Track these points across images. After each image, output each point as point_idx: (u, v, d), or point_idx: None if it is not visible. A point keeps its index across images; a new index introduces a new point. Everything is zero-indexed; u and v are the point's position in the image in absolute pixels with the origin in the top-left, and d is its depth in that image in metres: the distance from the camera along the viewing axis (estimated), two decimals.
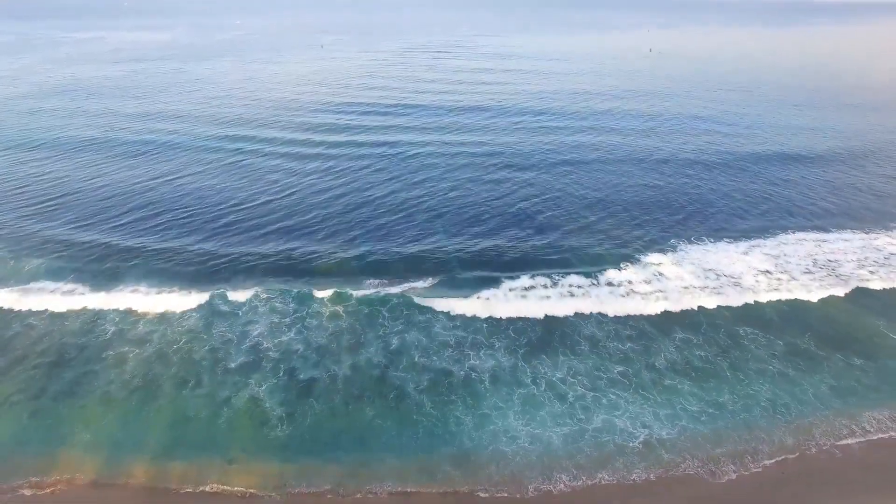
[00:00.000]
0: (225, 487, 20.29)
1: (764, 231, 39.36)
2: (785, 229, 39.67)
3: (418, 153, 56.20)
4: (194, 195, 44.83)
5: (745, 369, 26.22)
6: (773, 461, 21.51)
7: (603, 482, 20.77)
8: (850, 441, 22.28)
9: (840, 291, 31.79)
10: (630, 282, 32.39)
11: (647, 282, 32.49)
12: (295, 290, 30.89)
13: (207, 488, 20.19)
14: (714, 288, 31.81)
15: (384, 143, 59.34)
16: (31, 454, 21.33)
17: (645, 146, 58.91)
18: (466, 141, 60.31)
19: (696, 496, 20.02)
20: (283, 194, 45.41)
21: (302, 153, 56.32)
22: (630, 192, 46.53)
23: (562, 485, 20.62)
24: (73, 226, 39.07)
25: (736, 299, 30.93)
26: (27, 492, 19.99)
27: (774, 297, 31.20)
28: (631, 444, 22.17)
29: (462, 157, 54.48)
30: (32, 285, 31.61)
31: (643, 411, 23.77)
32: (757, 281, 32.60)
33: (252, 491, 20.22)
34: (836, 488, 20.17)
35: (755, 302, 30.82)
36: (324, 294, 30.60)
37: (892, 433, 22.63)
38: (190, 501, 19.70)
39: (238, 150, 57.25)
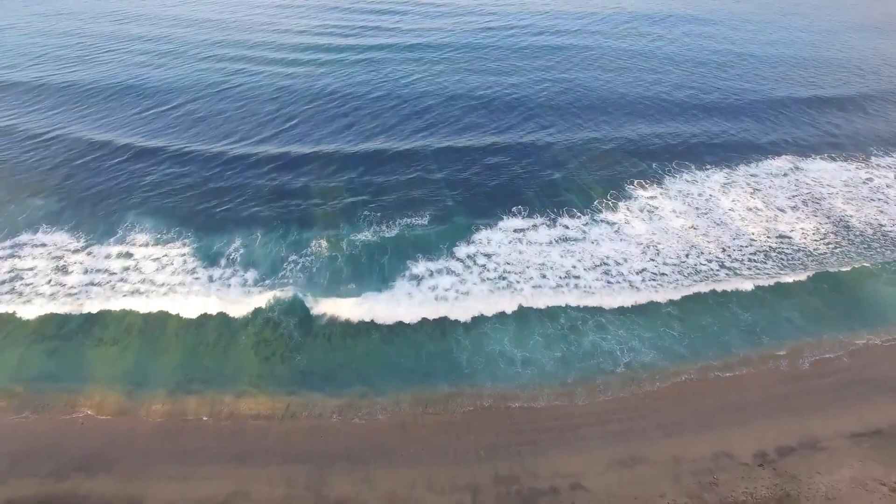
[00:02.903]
0: (238, 411, 22.24)
1: (749, 159, 39.53)
2: (767, 156, 39.99)
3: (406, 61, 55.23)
4: (185, 125, 43.68)
5: (726, 294, 27.75)
6: (737, 382, 23.51)
7: (582, 403, 22.75)
8: (811, 365, 24.19)
9: (824, 227, 32.52)
10: (626, 222, 32.67)
11: (641, 220, 32.88)
12: (293, 230, 31.58)
13: (220, 416, 22.11)
14: (704, 228, 32.26)
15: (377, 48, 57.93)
16: (57, 389, 23.05)
17: (637, 60, 57.15)
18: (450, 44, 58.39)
19: (674, 419, 21.95)
20: (277, 118, 44.77)
21: (295, 61, 55.17)
22: (620, 113, 45.99)
23: (543, 402, 22.65)
24: (63, 168, 38.24)
25: (724, 235, 31.71)
26: (59, 422, 21.81)
27: (761, 234, 31.90)
28: (616, 369, 24.02)
29: (447, 71, 53.04)
30: (25, 237, 31.22)
31: (629, 335, 25.52)
32: (744, 217, 33.19)
33: (264, 412, 22.18)
34: (797, 411, 22.20)
35: (741, 236, 31.63)
36: (321, 233, 31.30)
37: (845, 358, 24.55)
38: (208, 428, 21.61)
39: (226, 59, 55.63)
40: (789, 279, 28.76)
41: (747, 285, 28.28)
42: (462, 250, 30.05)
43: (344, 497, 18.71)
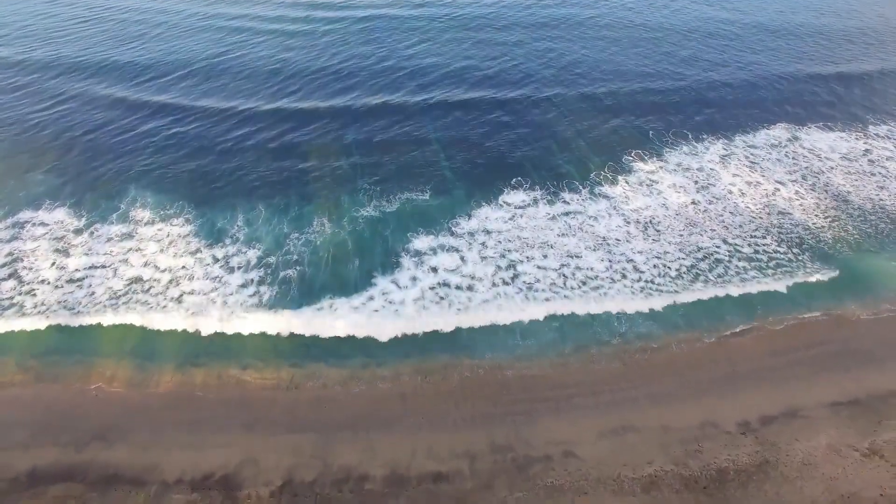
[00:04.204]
0: (245, 383, 23.15)
1: (747, 129, 39.50)
2: (765, 125, 39.94)
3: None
4: (184, 93, 43.38)
5: (725, 269, 28.21)
6: (727, 353, 24.34)
7: (577, 373, 23.59)
8: (799, 337, 24.96)
9: (824, 202, 32.69)
10: (626, 198, 32.69)
11: (641, 194, 32.98)
12: (293, 207, 31.65)
13: (228, 388, 23.02)
14: (704, 204, 32.36)
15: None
16: (69, 363, 23.92)
17: (641, 26, 56.19)
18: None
19: (664, 389, 22.83)
20: (278, 87, 44.33)
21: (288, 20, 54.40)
22: (619, 81, 45.57)
23: (539, 372, 23.53)
24: (63, 140, 37.98)
25: (724, 211, 31.88)
26: (73, 394, 22.77)
27: (760, 210, 32.04)
28: (611, 340, 24.84)
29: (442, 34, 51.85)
30: (26, 214, 31.16)
31: (625, 304, 26.24)
32: (743, 192, 33.31)
33: (269, 384, 23.08)
34: (782, 382, 23.10)
35: (741, 213, 31.82)
36: (321, 210, 31.44)
37: (832, 330, 25.32)
38: (216, 400, 22.54)
39: (223, 19, 54.84)
40: (786, 254, 29.13)
41: (745, 263, 28.55)
42: (463, 227, 30.19)
43: (348, 464, 19.78)
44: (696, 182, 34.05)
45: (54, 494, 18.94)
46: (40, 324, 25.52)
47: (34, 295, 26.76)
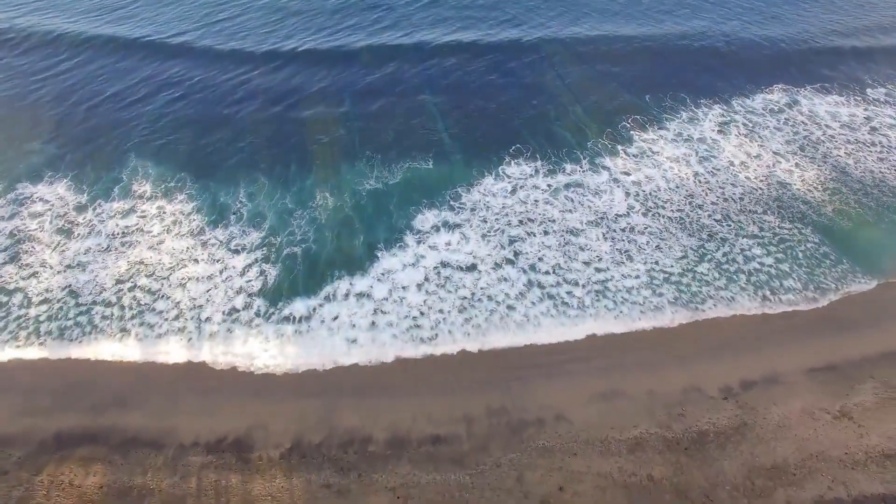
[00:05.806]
0: (252, 352, 24.25)
1: (745, 92, 39.48)
2: (763, 89, 39.88)
3: None
4: (177, 54, 42.72)
5: (731, 242, 28.70)
6: (714, 323, 25.29)
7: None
8: (786, 308, 25.86)
9: (823, 176, 32.83)
10: (626, 170, 32.74)
11: (642, 166, 33.13)
12: (295, 179, 31.89)
13: (237, 356, 24.15)
14: (705, 175, 32.64)
15: None
16: (82, 333, 24.93)
17: None
18: None
19: (652, 356, 23.88)
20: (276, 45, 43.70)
21: None
22: (612, 40, 45.13)
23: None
24: (60, 108, 37.68)
25: (726, 184, 32.18)
26: (89, 363, 23.93)
27: (760, 182, 32.24)
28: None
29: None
30: (26, 190, 31.17)
31: (628, 282, 26.75)
32: (745, 164, 33.47)
33: (275, 364, 24.09)
34: (766, 350, 24.17)
35: (740, 184, 32.10)
36: (324, 184, 31.68)
37: (819, 301, 26.13)
38: (226, 368, 23.71)
39: None
40: (785, 229, 29.42)
41: (743, 241, 28.70)
42: (465, 201, 30.31)
43: (352, 428, 21.09)
44: (696, 153, 34.08)
45: (81, 456, 20.33)
46: (37, 351, 24.54)
47: (35, 275, 26.74)
